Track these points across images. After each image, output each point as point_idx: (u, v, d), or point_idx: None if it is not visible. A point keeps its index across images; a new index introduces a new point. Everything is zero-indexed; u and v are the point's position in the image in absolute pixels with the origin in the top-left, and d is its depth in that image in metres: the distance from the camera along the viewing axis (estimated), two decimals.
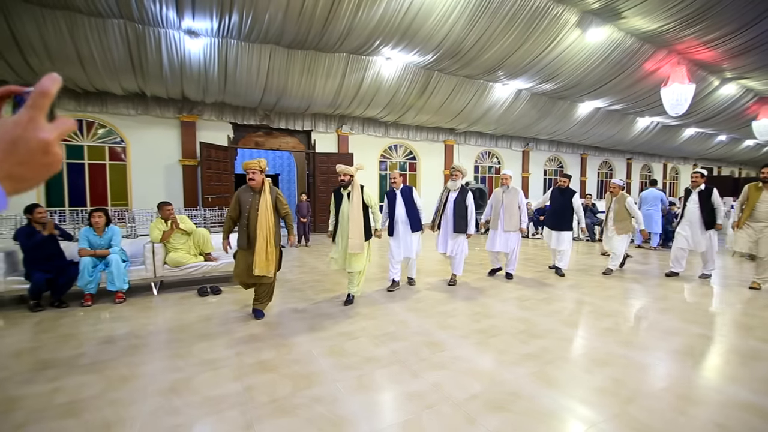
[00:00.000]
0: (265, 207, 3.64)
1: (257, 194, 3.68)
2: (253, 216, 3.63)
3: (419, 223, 4.89)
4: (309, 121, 11.17)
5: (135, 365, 2.80)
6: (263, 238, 3.57)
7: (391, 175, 4.90)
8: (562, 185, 5.68)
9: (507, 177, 5.40)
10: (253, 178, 3.63)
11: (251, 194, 3.69)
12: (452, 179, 5.02)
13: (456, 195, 4.99)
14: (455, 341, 3.21)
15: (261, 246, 3.56)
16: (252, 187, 3.68)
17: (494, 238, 5.46)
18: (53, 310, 4.11)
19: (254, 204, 3.65)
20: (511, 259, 5.44)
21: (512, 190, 5.38)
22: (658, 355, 2.93)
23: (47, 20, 6.17)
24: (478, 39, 8.37)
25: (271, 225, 3.65)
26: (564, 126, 14.29)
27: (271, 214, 3.66)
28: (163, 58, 7.37)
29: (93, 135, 8.98)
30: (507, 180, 5.40)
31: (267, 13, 6.57)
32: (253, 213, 3.63)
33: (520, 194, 5.36)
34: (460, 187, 5.01)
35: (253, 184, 3.64)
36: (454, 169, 5.00)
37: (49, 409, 2.25)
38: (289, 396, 2.37)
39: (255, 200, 3.67)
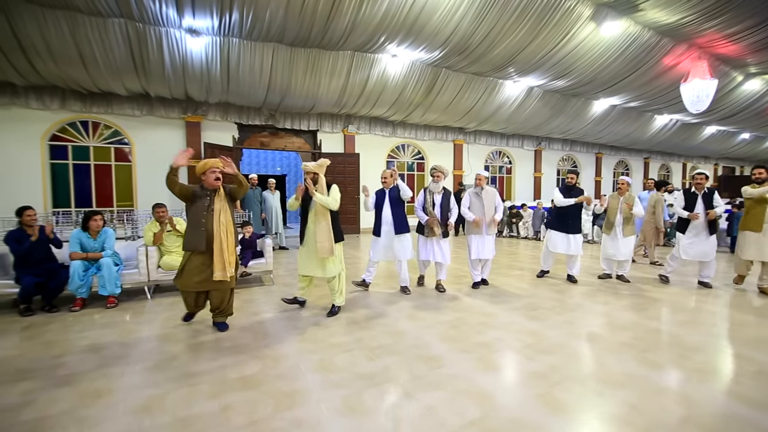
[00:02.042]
0: (221, 206, 3.45)
1: (213, 194, 3.47)
2: (210, 218, 3.39)
3: (406, 225, 4.67)
4: (315, 121, 11.02)
5: (112, 377, 2.65)
6: (220, 240, 3.38)
7: (382, 175, 4.67)
8: (570, 182, 5.33)
9: (481, 177, 4.98)
10: (219, 177, 3.45)
11: (207, 194, 3.46)
12: (434, 181, 4.72)
13: (441, 199, 4.74)
14: (455, 356, 2.97)
15: (218, 248, 3.37)
16: (207, 187, 3.46)
17: (479, 245, 4.94)
18: (44, 314, 4.02)
19: (210, 205, 3.43)
20: (488, 265, 5.19)
21: (488, 190, 4.99)
22: (679, 376, 2.64)
23: (48, 20, 6.13)
24: (487, 34, 8.08)
25: (230, 226, 3.47)
26: (578, 124, 13.84)
27: (229, 214, 3.49)
28: (165, 57, 7.29)
29: (99, 136, 8.99)
30: (481, 181, 4.98)
31: (268, 10, 6.42)
32: (210, 214, 3.40)
33: (497, 195, 5.05)
34: (443, 190, 4.78)
35: (217, 185, 3.44)
36: (435, 170, 4.71)
37: (15, 425, 2.11)
38: (268, 418, 2.17)
39: (211, 200, 3.45)
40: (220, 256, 3.38)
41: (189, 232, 3.45)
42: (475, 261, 5.04)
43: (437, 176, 4.70)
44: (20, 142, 8.10)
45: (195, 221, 3.42)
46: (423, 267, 5.13)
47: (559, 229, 5.30)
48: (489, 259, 5.09)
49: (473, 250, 4.96)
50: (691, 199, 5.03)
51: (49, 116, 8.31)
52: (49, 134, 8.45)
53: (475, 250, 4.95)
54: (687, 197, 5.07)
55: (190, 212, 3.45)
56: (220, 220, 3.41)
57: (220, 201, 3.46)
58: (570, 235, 5.23)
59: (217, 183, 3.44)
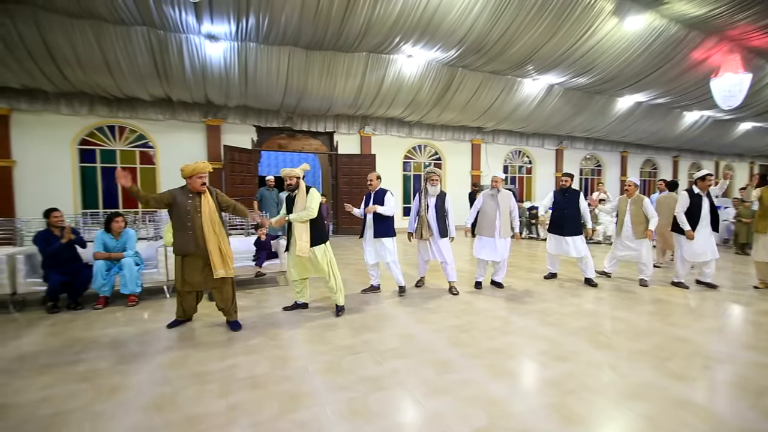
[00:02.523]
0: (209, 208, 3.50)
1: (197, 196, 3.52)
2: (197, 219, 3.46)
3: (386, 230, 4.61)
4: (331, 123, 11.10)
5: (128, 374, 2.73)
6: (214, 241, 3.45)
7: (368, 177, 4.72)
8: (564, 185, 5.29)
9: (498, 179, 4.94)
10: (205, 182, 3.52)
11: (190, 196, 3.51)
12: (431, 184, 4.80)
13: (435, 200, 4.80)
14: (465, 361, 2.91)
15: (214, 245, 3.44)
16: (191, 190, 3.51)
17: (487, 246, 4.92)
18: (69, 312, 4.19)
19: (195, 206, 3.48)
20: (501, 267, 5.08)
21: (504, 193, 4.95)
22: (702, 389, 2.50)
23: (76, 30, 6.42)
24: (504, 32, 7.93)
25: (219, 224, 3.54)
26: (601, 122, 13.40)
27: (217, 215, 3.55)
28: (185, 62, 7.51)
29: (125, 140, 9.35)
30: (498, 183, 4.94)
31: (283, 13, 6.50)
32: (196, 216, 3.46)
33: (513, 198, 5.00)
34: (440, 191, 4.85)
35: (203, 190, 3.51)
36: (434, 173, 4.82)
37: (31, 421, 2.19)
38: (273, 419, 2.18)
39: (196, 202, 3.50)
40: (218, 255, 3.46)
41: (176, 235, 3.50)
42: (479, 261, 5.04)
43: (434, 180, 4.78)
44: (52, 146, 8.52)
45: (180, 224, 3.48)
46: (422, 268, 5.15)
47: (554, 231, 5.32)
48: (500, 262, 5.00)
49: (476, 249, 5.03)
50: (696, 200, 4.87)
51: (78, 121, 8.70)
52: (79, 138, 8.84)
53: (478, 249, 4.99)
54: (692, 198, 4.88)
55: (173, 216, 3.51)
56: (210, 220, 3.46)
57: (208, 203, 3.51)
58: (566, 237, 5.17)
59: (203, 188, 3.50)
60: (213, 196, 3.61)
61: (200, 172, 3.47)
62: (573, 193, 5.22)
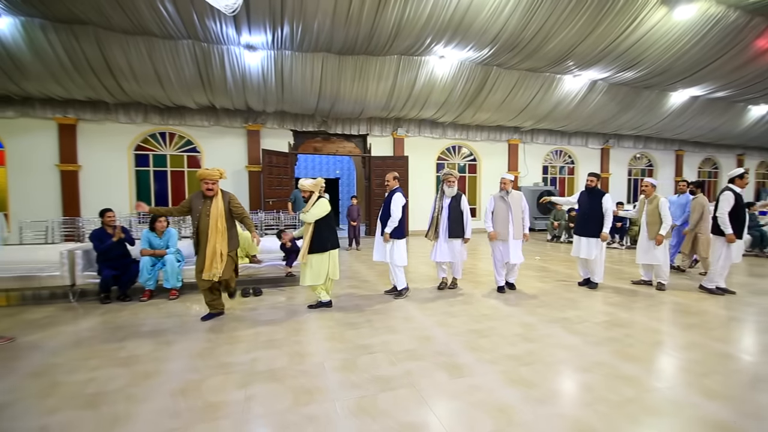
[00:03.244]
0: (217, 212, 3.68)
1: (209, 200, 3.72)
2: (203, 222, 3.66)
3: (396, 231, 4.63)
4: (365, 126, 11.28)
5: (161, 361, 2.98)
6: (212, 243, 3.63)
7: (386, 178, 4.82)
8: (590, 185, 5.12)
9: (506, 181, 4.95)
10: (211, 188, 3.70)
11: (202, 200, 3.73)
12: (447, 185, 4.91)
13: (450, 200, 4.89)
14: (480, 366, 2.87)
15: (210, 250, 3.63)
16: (203, 194, 3.74)
17: (503, 249, 4.94)
18: (118, 303, 4.62)
19: (205, 210, 3.69)
20: (514, 268, 5.10)
21: (515, 195, 4.97)
22: (738, 410, 2.29)
23: (131, 45, 7.05)
24: (540, 28, 7.66)
25: (222, 230, 3.68)
26: (652, 119, 12.51)
27: (223, 219, 3.70)
28: (227, 72, 7.98)
29: (174, 145, 10.09)
30: (506, 185, 4.94)
31: (315, 21, 6.73)
32: (204, 219, 3.67)
33: (524, 199, 4.99)
34: (457, 193, 4.94)
35: (211, 194, 3.71)
36: (450, 174, 4.92)
37: (78, 397, 2.46)
38: (285, 411, 2.29)
39: (206, 206, 3.70)
40: (211, 257, 3.65)
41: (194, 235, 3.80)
42: (498, 265, 5.02)
43: (451, 181, 4.87)
44: (112, 151, 9.38)
45: (193, 225, 3.76)
46: (439, 271, 5.21)
47: (577, 232, 5.19)
48: (516, 264, 5.00)
49: (496, 254, 5.00)
50: (740, 200, 4.62)
51: (134, 129, 9.52)
52: (134, 144, 9.67)
53: (499, 254, 4.97)
54: (738, 198, 4.59)
55: (191, 217, 3.83)
56: (215, 223, 3.66)
57: (217, 207, 3.70)
58: (585, 238, 5.06)
59: (209, 192, 3.71)
60: (225, 201, 3.81)
61: (206, 178, 3.71)
62: (597, 194, 5.04)
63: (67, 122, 8.93)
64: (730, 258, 4.66)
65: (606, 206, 4.94)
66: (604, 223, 4.91)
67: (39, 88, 7.93)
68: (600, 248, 5.02)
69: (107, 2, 5.92)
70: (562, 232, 10.16)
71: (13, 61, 7.03)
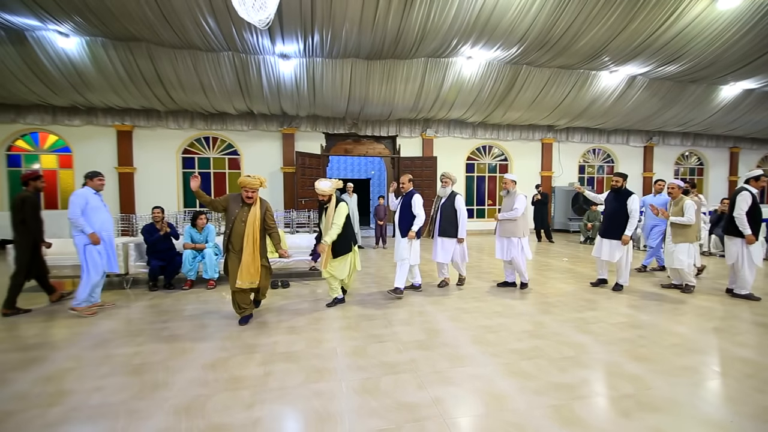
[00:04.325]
0: (254, 220, 3.67)
1: (246, 206, 3.71)
2: (238, 227, 3.66)
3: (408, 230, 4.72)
4: (394, 127, 11.51)
5: (197, 340, 3.37)
6: (248, 251, 3.62)
7: (401, 179, 4.94)
8: (615, 185, 5.02)
9: (507, 181, 5.11)
10: (251, 197, 3.69)
11: (240, 205, 3.71)
12: (442, 186, 5.07)
13: (444, 200, 5.02)
14: (483, 358, 3.00)
15: (246, 259, 3.63)
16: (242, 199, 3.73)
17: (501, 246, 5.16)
18: (164, 291, 5.16)
19: (241, 216, 3.68)
20: (520, 269, 5.09)
21: (512, 194, 5.06)
22: (743, 412, 2.27)
23: (178, 59, 7.75)
24: (570, 24, 7.50)
25: (257, 238, 3.69)
26: (700, 114, 11.73)
27: (257, 229, 3.69)
28: (263, 80, 8.53)
29: (217, 148, 10.86)
30: (508, 185, 5.10)
31: (343, 29, 7.05)
32: (239, 224, 3.66)
33: (518, 198, 4.97)
34: (450, 193, 5.04)
35: (250, 202, 3.72)
36: (444, 176, 5.06)
37: (126, 366, 2.88)
38: (297, 386, 2.56)
39: (243, 212, 3.68)
40: (247, 266, 3.64)
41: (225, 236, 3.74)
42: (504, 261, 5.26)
43: (446, 182, 5.04)
44: (162, 155, 10.29)
45: (227, 227, 3.73)
46: (439, 270, 5.34)
47: (601, 233, 5.13)
48: (514, 262, 5.05)
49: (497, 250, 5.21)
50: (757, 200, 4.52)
51: (181, 134, 10.38)
52: (182, 148, 10.53)
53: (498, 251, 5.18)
54: (755, 198, 4.50)
55: (225, 218, 3.78)
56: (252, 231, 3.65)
57: (255, 216, 3.69)
58: (607, 240, 5.00)
59: (248, 200, 3.71)
60: (262, 210, 3.78)
61: (246, 186, 3.70)
62: (622, 195, 4.93)
63: (125, 129, 9.91)
64: (754, 262, 4.47)
65: (631, 208, 4.82)
66: (627, 225, 4.80)
67: (101, 98, 8.89)
68: (624, 251, 4.91)
69: (158, 21, 6.58)
70: (596, 233, 9.80)
71: (79, 75, 7.96)
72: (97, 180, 4.23)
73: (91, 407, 2.31)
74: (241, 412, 2.25)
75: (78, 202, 4.01)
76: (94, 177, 4.22)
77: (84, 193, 4.12)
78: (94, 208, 4.13)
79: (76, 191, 4.14)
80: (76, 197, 4.04)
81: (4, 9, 6.22)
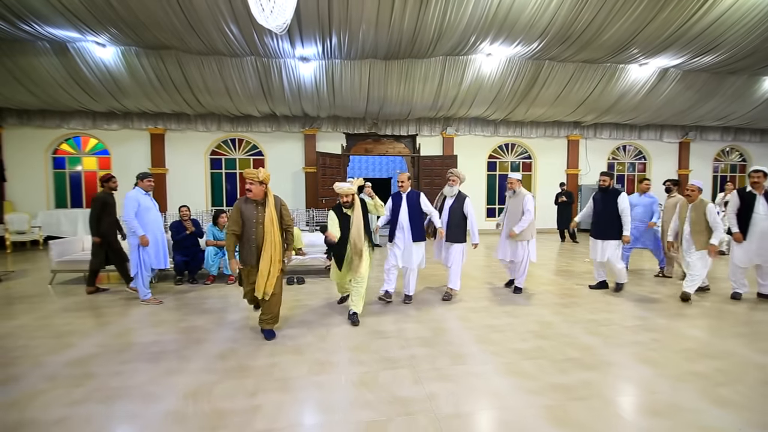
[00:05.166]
0: (270, 221, 3.31)
1: (261, 206, 3.36)
2: (259, 231, 3.31)
3: (422, 233, 4.48)
4: (414, 126, 11.51)
5: (211, 332, 3.57)
6: (268, 257, 3.27)
7: (399, 178, 4.56)
8: (603, 185, 4.87)
9: (512, 180, 4.93)
10: (250, 189, 3.29)
11: (254, 206, 3.35)
12: (449, 185, 4.70)
13: (452, 201, 4.65)
14: (484, 357, 3.01)
15: (264, 265, 3.26)
16: (253, 199, 3.35)
17: (502, 246, 5.06)
18: (188, 285, 5.45)
19: (259, 218, 3.33)
20: (519, 271, 4.92)
21: (519, 194, 4.85)
22: (746, 419, 2.17)
23: (205, 65, 8.13)
24: (594, 16, 7.24)
25: (277, 241, 3.33)
26: (741, 108, 10.99)
27: (276, 230, 3.34)
28: (284, 82, 8.78)
29: (242, 149, 11.28)
30: (513, 184, 4.91)
31: (360, 30, 7.14)
32: (259, 228, 3.31)
33: (526, 199, 4.73)
34: (457, 193, 4.68)
35: (251, 196, 3.31)
36: (452, 173, 4.71)
37: (144, 354, 3.10)
38: (299, 377, 2.68)
39: (260, 213, 3.33)
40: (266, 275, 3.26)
41: (244, 246, 3.38)
42: (503, 262, 5.20)
43: (453, 180, 4.68)
44: (191, 156, 10.80)
45: (247, 237, 3.35)
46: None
47: (593, 234, 4.99)
48: (517, 263, 4.91)
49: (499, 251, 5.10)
50: (748, 200, 4.40)
51: (209, 136, 10.85)
52: (210, 150, 11.00)
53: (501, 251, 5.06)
54: (743, 199, 4.42)
55: (244, 228, 3.38)
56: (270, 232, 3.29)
57: (271, 215, 3.33)
58: (601, 240, 4.82)
59: (249, 195, 3.31)
60: (277, 208, 3.42)
61: (246, 177, 3.32)
62: (611, 194, 4.78)
63: (157, 132, 10.48)
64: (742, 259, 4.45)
65: (623, 206, 4.66)
66: (623, 224, 4.64)
67: (135, 104, 9.45)
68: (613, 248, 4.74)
69: (185, 30, 6.93)
70: None
71: (116, 82, 8.50)
72: (147, 181, 4.60)
73: (111, 389, 2.53)
74: (244, 400, 2.39)
75: (131, 204, 4.38)
76: (144, 178, 4.60)
77: (135, 195, 4.47)
78: (145, 209, 4.50)
79: (128, 194, 4.46)
80: (129, 200, 4.39)
81: (48, 23, 6.75)
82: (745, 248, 4.44)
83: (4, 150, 9.99)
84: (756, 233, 4.36)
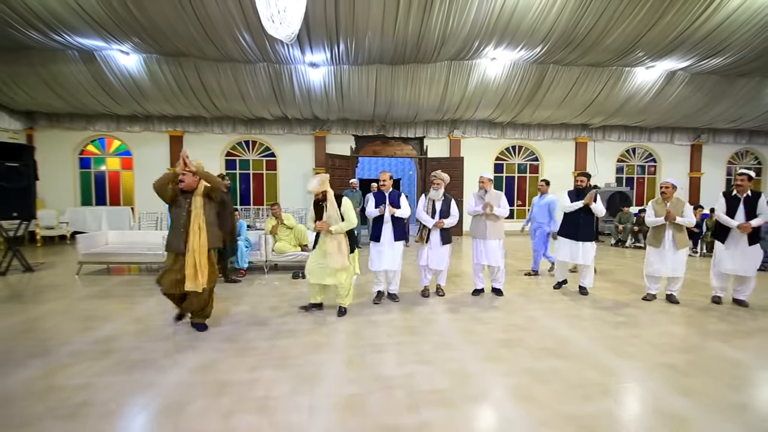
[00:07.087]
0: (198, 209, 3.35)
1: (190, 194, 3.39)
2: (187, 219, 3.32)
3: (403, 234, 4.59)
4: (421, 129, 11.75)
5: (219, 318, 3.90)
6: (192, 247, 3.28)
7: (381, 177, 4.62)
8: (580, 186, 4.88)
9: (484, 180, 4.80)
10: (182, 180, 3.35)
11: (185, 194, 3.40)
12: (434, 188, 4.68)
13: (441, 205, 4.66)
14: (465, 345, 3.25)
15: (191, 255, 3.27)
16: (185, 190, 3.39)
17: (482, 249, 4.75)
18: None
19: (189, 206, 3.36)
20: (498, 274, 4.82)
21: (492, 193, 4.73)
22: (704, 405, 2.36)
23: (220, 71, 8.58)
24: (596, 21, 7.36)
25: (204, 230, 3.35)
26: (753, 110, 10.85)
27: (203, 220, 3.35)
28: (295, 87, 9.17)
29: (255, 151, 11.73)
30: (485, 184, 4.79)
31: (366, 37, 7.45)
32: (188, 216, 3.33)
33: (502, 199, 4.69)
34: (444, 196, 4.69)
35: (183, 186, 3.37)
36: (435, 176, 4.65)
37: (161, 334, 3.46)
38: (295, 357, 2.99)
39: (190, 201, 3.36)
40: (192, 266, 3.27)
41: (171, 233, 3.39)
42: (477, 266, 4.88)
43: (437, 183, 4.64)
44: (208, 157, 11.27)
45: (176, 223, 3.37)
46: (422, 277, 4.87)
47: (566, 235, 4.93)
48: (497, 267, 4.75)
49: (475, 255, 4.82)
50: (732, 203, 4.40)
51: (224, 138, 11.34)
52: (225, 151, 11.50)
53: (476, 254, 4.81)
54: (728, 202, 4.43)
55: (171, 213, 3.41)
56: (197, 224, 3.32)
57: (194, 203, 3.36)
58: (579, 242, 4.81)
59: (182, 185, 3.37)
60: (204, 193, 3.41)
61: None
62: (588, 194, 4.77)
63: (176, 134, 11.03)
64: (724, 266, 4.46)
65: (597, 208, 4.73)
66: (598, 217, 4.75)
67: (156, 107, 10.00)
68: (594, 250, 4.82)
69: (202, 38, 7.37)
70: (627, 236, 9.45)
71: (138, 88, 9.04)
72: None
73: (131, 361, 2.88)
74: (245, 373, 2.70)
75: None
76: None
77: None
78: None
79: None
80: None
81: (77, 33, 7.29)
82: (730, 254, 4.39)
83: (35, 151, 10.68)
84: (734, 238, 4.36)
